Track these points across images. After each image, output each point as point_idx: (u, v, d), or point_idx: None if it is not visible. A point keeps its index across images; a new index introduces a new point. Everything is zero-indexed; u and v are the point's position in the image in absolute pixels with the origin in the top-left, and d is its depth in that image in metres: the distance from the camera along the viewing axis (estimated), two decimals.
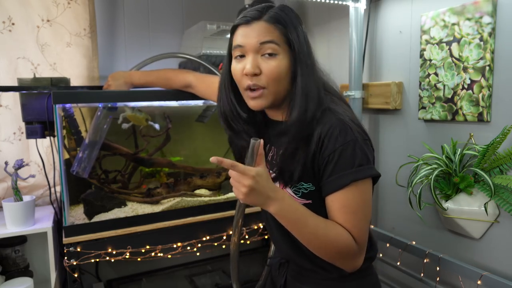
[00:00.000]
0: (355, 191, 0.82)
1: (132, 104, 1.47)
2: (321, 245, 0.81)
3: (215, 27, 1.65)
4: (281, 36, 0.84)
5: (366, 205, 0.84)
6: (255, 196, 0.78)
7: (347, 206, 0.82)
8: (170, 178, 1.61)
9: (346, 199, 0.82)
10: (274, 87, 0.85)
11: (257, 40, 0.83)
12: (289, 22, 0.84)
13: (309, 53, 0.86)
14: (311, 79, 0.85)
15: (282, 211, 0.80)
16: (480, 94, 1.23)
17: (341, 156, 0.81)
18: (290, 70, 0.85)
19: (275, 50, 0.83)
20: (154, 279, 1.82)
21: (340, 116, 0.84)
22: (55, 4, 1.64)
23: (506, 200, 1.15)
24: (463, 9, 1.27)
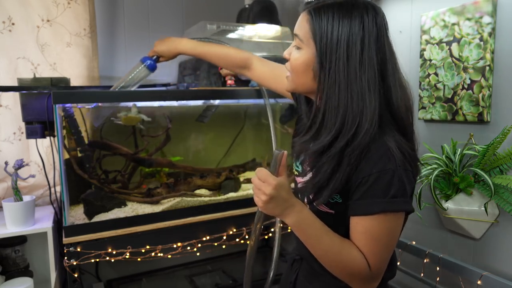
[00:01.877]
0: (383, 221, 0.77)
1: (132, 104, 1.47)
2: (332, 264, 0.81)
3: (215, 27, 1.65)
4: (308, 30, 0.80)
5: (391, 236, 0.79)
6: (273, 206, 0.78)
7: (370, 232, 0.78)
8: (170, 178, 1.61)
9: (371, 225, 0.77)
10: (294, 76, 0.86)
11: (295, 30, 0.84)
12: (324, 17, 0.78)
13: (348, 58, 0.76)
14: (339, 87, 0.77)
15: (298, 223, 0.79)
16: (480, 94, 1.23)
17: (376, 182, 0.75)
18: (310, 67, 0.81)
19: (299, 44, 0.83)
20: (154, 279, 1.82)
21: (386, 140, 0.76)
22: (55, 4, 1.64)
23: (506, 200, 1.15)
24: (463, 9, 1.27)
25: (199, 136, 1.77)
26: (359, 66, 0.76)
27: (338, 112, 0.77)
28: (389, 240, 0.79)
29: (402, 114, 0.80)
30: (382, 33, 0.79)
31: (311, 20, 0.79)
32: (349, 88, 0.76)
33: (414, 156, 0.80)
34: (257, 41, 1.76)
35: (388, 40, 0.80)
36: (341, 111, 0.77)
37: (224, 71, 1.57)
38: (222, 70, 1.57)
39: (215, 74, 1.58)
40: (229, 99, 1.66)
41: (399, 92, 0.80)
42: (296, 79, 0.85)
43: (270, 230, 1.69)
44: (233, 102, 1.73)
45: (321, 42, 0.78)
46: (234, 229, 1.54)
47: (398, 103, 0.79)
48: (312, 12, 0.79)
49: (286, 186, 0.78)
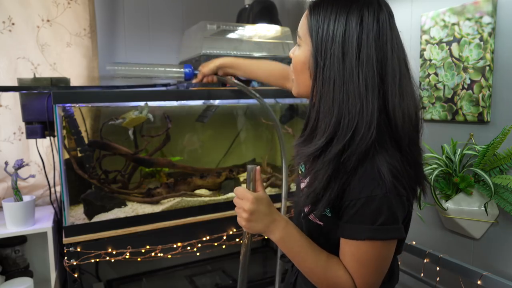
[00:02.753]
0: (370, 247, 0.72)
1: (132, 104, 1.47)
2: (317, 281, 0.79)
3: (215, 27, 1.65)
4: (306, 27, 0.77)
5: (380, 262, 0.75)
6: (255, 222, 0.77)
7: (357, 255, 0.74)
8: (170, 178, 1.61)
9: (357, 250, 0.74)
10: (295, 76, 0.82)
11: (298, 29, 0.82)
12: (321, 12, 0.74)
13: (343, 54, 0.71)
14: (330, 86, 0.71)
15: (283, 240, 0.78)
16: (480, 94, 1.23)
17: (362, 208, 0.70)
18: (306, 64, 0.77)
19: (298, 41, 0.80)
20: (154, 279, 1.83)
21: (378, 161, 0.70)
22: (55, 4, 1.64)
23: (506, 200, 1.15)
24: (463, 9, 1.27)
25: (199, 136, 1.77)
26: (355, 63, 0.70)
27: (333, 112, 0.71)
28: (377, 266, 0.75)
29: (398, 124, 0.72)
30: (385, 31, 0.73)
31: (309, 16, 0.76)
32: (344, 86, 0.70)
33: (414, 176, 0.75)
34: (257, 41, 1.76)
35: (393, 40, 0.74)
36: (335, 111, 0.71)
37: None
38: None
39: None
40: (229, 99, 1.66)
41: (398, 99, 0.72)
42: (297, 79, 0.81)
43: None
44: (233, 102, 1.73)
45: (316, 37, 0.74)
46: (234, 229, 1.54)
47: (395, 111, 0.71)
48: (311, 8, 0.77)
49: (265, 199, 0.77)
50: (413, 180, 0.75)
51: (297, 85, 0.82)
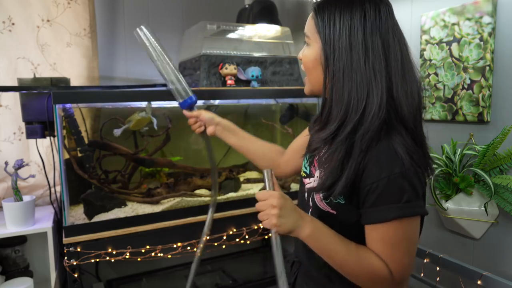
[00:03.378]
0: (399, 226, 0.75)
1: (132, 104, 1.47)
2: (353, 273, 0.78)
3: (215, 27, 1.65)
4: (314, 26, 0.83)
5: (409, 241, 0.77)
6: (286, 216, 0.76)
7: (387, 239, 0.76)
8: (170, 178, 1.61)
9: (386, 232, 0.76)
10: (308, 75, 0.87)
11: (304, 30, 0.87)
12: (326, 11, 0.80)
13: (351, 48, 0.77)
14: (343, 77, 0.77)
15: (313, 234, 0.78)
16: (480, 94, 1.23)
17: (386, 188, 0.73)
18: (317, 60, 0.83)
19: (307, 41, 0.85)
20: (154, 279, 1.83)
21: (392, 142, 0.75)
22: (55, 4, 1.64)
23: (506, 200, 1.15)
24: (463, 9, 1.27)
25: (199, 136, 1.77)
26: (362, 53, 0.77)
27: (343, 98, 0.77)
28: (408, 244, 0.77)
29: (403, 104, 0.77)
30: (386, 20, 0.79)
31: (315, 15, 0.82)
32: (353, 75, 0.77)
33: (423, 155, 0.79)
34: (257, 41, 1.76)
35: (394, 26, 0.80)
36: (345, 98, 0.77)
37: (224, 71, 1.57)
38: (222, 70, 1.57)
39: (215, 74, 1.58)
40: (229, 99, 1.66)
41: (401, 80, 0.78)
42: (310, 77, 0.87)
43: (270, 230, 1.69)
44: (233, 102, 1.73)
45: (324, 34, 0.79)
46: (234, 229, 1.54)
47: (399, 92, 0.77)
48: (316, 8, 0.82)
49: (288, 197, 0.78)
50: (423, 159, 0.78)
51: (310, 83, 0.87)
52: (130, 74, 1.91)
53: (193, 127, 1.16)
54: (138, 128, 1.47)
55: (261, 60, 1.67)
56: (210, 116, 1.14)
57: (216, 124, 1.14)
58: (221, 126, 1.14)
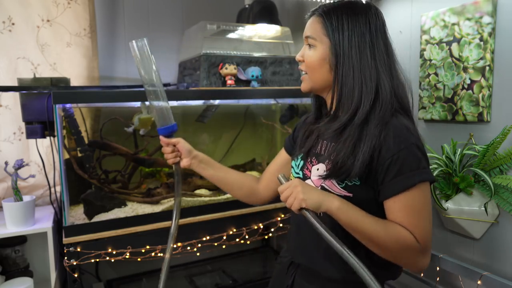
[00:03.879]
0: (420, 191, 0.83)
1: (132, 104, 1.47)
2: (382, 243, 0.83)
3: (215, 27, 1.65)
4: (321, 29, 0.91)
5: (428, 206, 0.85)
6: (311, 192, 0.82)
7: (411, 206, 0.83)
8: (170, 178, 1.61)
9: (411, 199, 0.83)
10: (311, 73, 0.94)
11: (305, 33, 0.94)
12: (333, 15, 0.90)
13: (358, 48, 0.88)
14: (354, 73, 0.88)
15: (342, 206, 0.82)
16: (480, 94, 1.23)
17: (407, 157, 0.83)
18: (324, 60, 0.91)
19: (312, 43, 0.92)
20: (154, 279, 1.83)
21: (401, 121, 0.86)
22: (55, 4, 1.64)
23: (506, 200, 1.15)
24: (463, 9, 1.27)
25: (199, 136, 1.77)
26: (369, 53, 0.88)
27: (354, 93, 0.87)
28: (427, 210, 0.85)
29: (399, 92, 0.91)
30: (384, 24, 0.92)
31: (323, 20, 0.90)
32: (362, 72, 0.88)
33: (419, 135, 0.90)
34: (257, 41, 1.76)
35: (387, 30, 0.94)
36: (356, 92, 0.87)
37: (224, 71, 1.57)
38: (222, 70, 1.57)
39: (215, 74, 1.58)
40: (229, 99, 1.66)
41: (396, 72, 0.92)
42: (313, 75, 0.93)
43: (270, 230, 1.69)
44: (233, 102, 1.73)
45: (334, 36, 0.89)
46: (234, 229, 1.54)
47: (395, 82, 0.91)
48: (322, 14, 0.91)
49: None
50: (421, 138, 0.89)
51: (312, 81, 0.94)
52: (130, 74, 1.91)
53: (168, 156, 1.07)
54: (145, 126, 1.47)
55: (261, 60, 1.67)
56: (188, 147, 1.08)
57: (193, 157, 1.08)
58: (197, 159, 1.09)
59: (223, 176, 1.13)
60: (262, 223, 1.59)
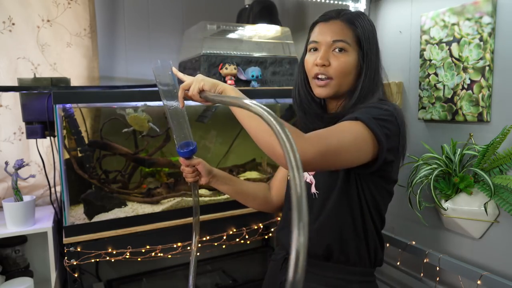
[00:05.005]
0: (354, 125, 0.83)
1: (132, 104, 1.47)
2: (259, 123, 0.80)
3: (215, 27, 1.65)
4: (352, 36, 0.93)
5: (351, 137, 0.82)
6: (208, 78, 0.90)
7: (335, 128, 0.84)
8: (170, 178, 1.61)
9: (340, 125, 0.85)
10: (339, 79, 0.94)
11: (331, 37, 0.94)
12: (362, 24, 0.94)
13: (376, 55, 0.96)
14: (374, 78, 0.94)
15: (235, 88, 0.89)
16: (480, 94, 1.24)
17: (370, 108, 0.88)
18: (356, 67, 0.94)
19: (345, 47, 0.93)
20: (154, 279, 1.83)
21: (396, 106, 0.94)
22: (55, 4, 1.64)
23: (506, 200, 1.15)
24: (463, 9, 1.27)
25: (199, 136, 1.77)
26: (375, 55, 0.96)
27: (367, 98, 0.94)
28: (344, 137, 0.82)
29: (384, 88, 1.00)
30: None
31: (354, 28, 0.94)
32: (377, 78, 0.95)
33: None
34: (257, 41, 1.76)
35: None
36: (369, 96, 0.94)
37: (224, 71, 1.57)
38: (222, 70, 1.57)
39: (215, 74, 1.58)
40: None
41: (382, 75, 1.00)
42: (342, 81, 0.95)
43: (270, 230, 1.69)
44: None
45: (366, 45, 0.94)
46: (234, 229, 1.54)
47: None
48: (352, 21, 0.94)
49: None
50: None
51: (339, 86, 0.95)
52: (130, 74, 1.91)
53: (188, 175, 1.07)
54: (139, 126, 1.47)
55: (261, 60, 1.67)
56: (209, 168, 1.09)
57: (212, 177, 1.09)
58: (215, 178, 1.11)
59: (238, 189, 1.15)
60: (262, 223, 1.59)
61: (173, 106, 0.98)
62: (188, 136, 1.02)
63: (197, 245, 1.09)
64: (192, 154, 1.04)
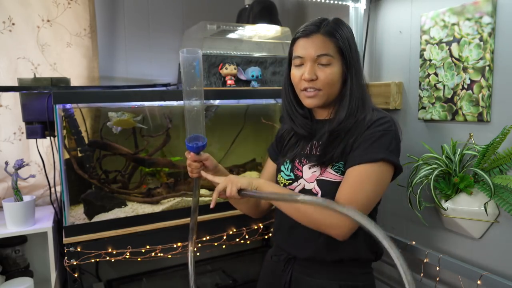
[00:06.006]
0: (379, 169, 0.92)
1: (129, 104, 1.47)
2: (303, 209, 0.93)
3: (215, 27, 1.65)
4: (334, 47, 0.98)
5: (377, 187, 0.94)
6: (240, 178, 0.98)
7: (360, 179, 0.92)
8: (170, 178, 1.61)
9: (365, 172, 0.92)
10: (327, 89, 0.99)
11: (315, 52, 0.97)
12: (342, 34, 0.98)
13: (358, 60, 1.01)
14: (358, 83, 0.99)
15: (267, 182, 1.00)
16: (480, 94, 1.24)
17: (382, 138, 0.94)
18: (342, 75, 0.99)
19: (329, 61, 0.98)
20: (154, 279, 1.82)
21: (386, 114, 1.00)
22: (55, 4, 1.64)
23: (506, 200, 1.15)
24: (463, 9, 1.27)
25: None
26: (357, 61, 1.00)
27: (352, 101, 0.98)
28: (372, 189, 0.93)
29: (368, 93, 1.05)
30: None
31: (335, 40, 0.97)
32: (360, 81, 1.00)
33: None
34: (257, 41, 1.76)
35: None
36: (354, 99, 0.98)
37: (224, 71, 1.57)
38: (222, 70, 1.57)
39: (215, 74, 1.58)
40: (229, 99, 1.66)
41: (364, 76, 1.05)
42: (329, 91, 1.00)
43: (270, 230, 1.69)
44: (233, 102, 1.73)
45: (347, 54, 0.98)
46: (234, 229, 1.54)
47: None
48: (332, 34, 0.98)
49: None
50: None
51: (327, 96, 1.00)
52: (130, 74, 1.91)
53: (194, 171, 1.10)
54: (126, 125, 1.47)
55: (261, 60, 1.67)
56: (215, 163, 1.13)
57: (216, 171, 1.13)
58: (219, 173, 1.14)
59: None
60: (262, 223, 1.59)
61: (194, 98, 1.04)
62: (201, 130, 1.05)
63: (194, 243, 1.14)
64: (201, 150, 1.06)
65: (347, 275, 1.01)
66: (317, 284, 1.01)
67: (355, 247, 1.00)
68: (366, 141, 0.94)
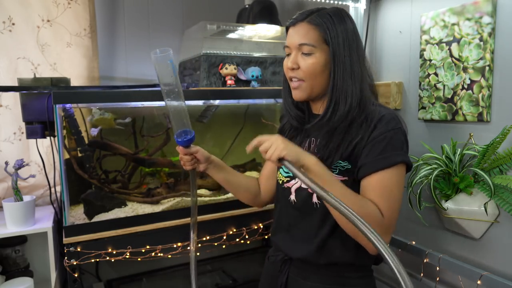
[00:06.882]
0: (397, 172, 0.89)
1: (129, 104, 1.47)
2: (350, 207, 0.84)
3: (215, 27, 1.65)
4: (319, 37, 0.93)
5: (401, 188, 0.91)
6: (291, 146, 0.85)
7: (386, 185, 0.88)
8: (170, 178, 1.61)
9: (388, 178, 0.88)
10: (310, 80, 0.95)
11: (298, 40, 0.94)
12: (328, 24, 0.93)
13: (350, 52, 0.93)
14: (348, 75, 0.93)
15: (319, 164, 0.86)
16: (480, 94, 1.24)
17: (393, 138, 0.90)
18: (327, 66, 0.94)
19: (310, 50, 0.93)
20: (154, 279, 1.82)
21: (390, 110, 0.95)
22: (55, 4, 1.64)
23: (506, 200, 1.15)
24: (463, 9, 1.27)
25: (199, 136, 1.77)
26: (356, 54, 0.94)
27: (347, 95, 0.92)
28: (399, 192, 0.91)
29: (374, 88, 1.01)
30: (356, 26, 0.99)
31: (319, 28, 0.93)
32: (354, 74, 0.93)
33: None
34: (257, 41, 1.76)
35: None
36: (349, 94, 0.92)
37: (224, 71, 1.57)
38: (222, 70, 1.57)
39: (215, 74, 1.58)
40: (229, 99, 1.66)
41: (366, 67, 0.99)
42: (312, 82, 0.95)
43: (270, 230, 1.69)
44: (233, 102, 1.73)
45: (333, 43, 0.92)
46: (234, 229, 1.54)
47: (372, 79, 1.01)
48: (317, 22, 0.93)
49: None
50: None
51: (311, 88, 0.96)
52: (130, 74, 1.91)
53: (186, 163, 1.07)
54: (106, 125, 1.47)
55: (261, 60, 1.67)
56: (207, 155, 1.09)
57: (209, 163, 1.10)
58: (213, 164, 1.11)
59: (232, 179, 1.16)
60: (262, 223, 1.59)
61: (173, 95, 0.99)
62: (187, 125, 1.02)
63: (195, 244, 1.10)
64: (190, 143, 1.03)
65: (342, 279, 0.98)
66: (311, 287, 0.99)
67: (348, 253, 0.96)
68: (379, 144, 0.89)
